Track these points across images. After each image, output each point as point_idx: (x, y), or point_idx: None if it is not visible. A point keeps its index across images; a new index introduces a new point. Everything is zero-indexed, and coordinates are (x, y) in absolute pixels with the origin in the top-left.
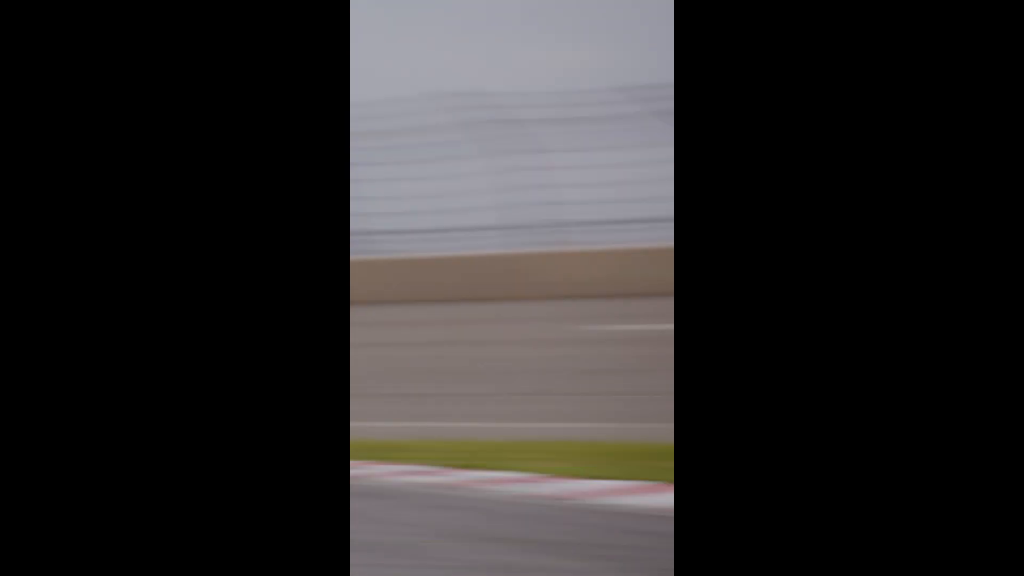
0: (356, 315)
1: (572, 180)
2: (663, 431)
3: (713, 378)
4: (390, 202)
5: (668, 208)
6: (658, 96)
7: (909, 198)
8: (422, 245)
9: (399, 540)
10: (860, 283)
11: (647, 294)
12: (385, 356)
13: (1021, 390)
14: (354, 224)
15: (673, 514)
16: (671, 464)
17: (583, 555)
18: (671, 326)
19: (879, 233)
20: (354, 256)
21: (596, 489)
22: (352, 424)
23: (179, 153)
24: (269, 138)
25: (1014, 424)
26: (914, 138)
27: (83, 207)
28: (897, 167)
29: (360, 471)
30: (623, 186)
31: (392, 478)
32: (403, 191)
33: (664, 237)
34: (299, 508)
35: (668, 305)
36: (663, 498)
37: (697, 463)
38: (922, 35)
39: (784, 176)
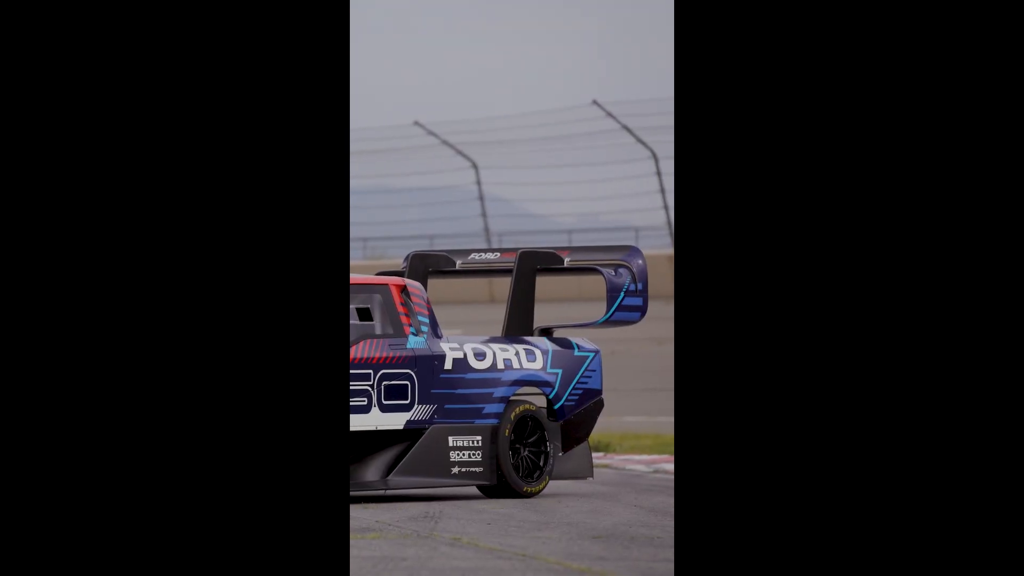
0: None
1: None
2: None
3: (711, 378)
4: None
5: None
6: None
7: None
8: None
9: None
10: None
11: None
12: None
13: (1014, 391)
14: None
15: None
16: None
17: None
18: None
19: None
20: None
21: None
22: None
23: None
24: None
25: (1005, 424)
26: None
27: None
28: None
29: None
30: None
31: None
32: None
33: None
34: (298, 507)
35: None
36: None
37: (697, 461)
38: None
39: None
